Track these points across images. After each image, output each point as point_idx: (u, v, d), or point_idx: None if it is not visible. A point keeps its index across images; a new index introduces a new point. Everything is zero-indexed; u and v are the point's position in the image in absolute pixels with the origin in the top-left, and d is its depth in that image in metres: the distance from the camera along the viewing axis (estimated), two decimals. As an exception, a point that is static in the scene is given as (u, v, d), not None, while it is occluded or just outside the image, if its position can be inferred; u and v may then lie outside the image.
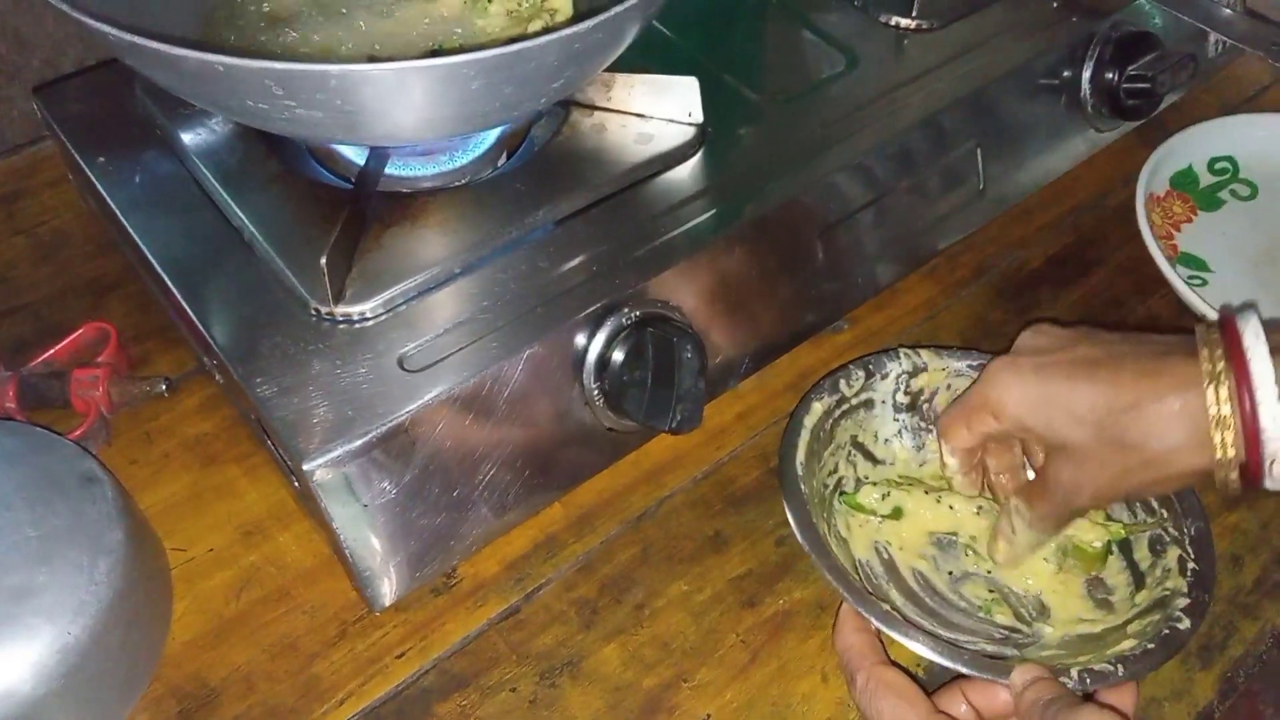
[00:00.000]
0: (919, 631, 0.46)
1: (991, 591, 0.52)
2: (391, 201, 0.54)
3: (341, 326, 0.49)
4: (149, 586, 0.50)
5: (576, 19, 0.45)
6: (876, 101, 0.61)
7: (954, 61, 0.64)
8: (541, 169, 0.56)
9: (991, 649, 0.49)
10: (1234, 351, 0.43)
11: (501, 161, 0.57)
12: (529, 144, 0.58)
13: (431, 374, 0.48)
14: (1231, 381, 0.42)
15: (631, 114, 0.58)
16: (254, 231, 0.53)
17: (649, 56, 0.59)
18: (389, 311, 0.50)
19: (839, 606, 0.50)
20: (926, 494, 0.54)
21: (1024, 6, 0.68)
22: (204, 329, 0.50)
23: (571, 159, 0.57)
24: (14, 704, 0.43)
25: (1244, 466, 0.43)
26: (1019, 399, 0.48)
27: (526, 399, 0.50)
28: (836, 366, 0.57)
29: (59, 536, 0.47)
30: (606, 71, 0.55)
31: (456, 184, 0.55)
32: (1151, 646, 0.46)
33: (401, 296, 0.50)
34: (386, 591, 0.50)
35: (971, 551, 0.53)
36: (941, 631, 0.49)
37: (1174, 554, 0.50)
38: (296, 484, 0.48)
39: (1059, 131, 0.69)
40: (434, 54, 0.52)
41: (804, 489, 0.51)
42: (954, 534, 0.54)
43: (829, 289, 0.60)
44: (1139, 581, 0.51)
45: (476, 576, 0.53)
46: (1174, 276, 0.63)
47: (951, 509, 0.54)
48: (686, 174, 0.57)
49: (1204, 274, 0.67)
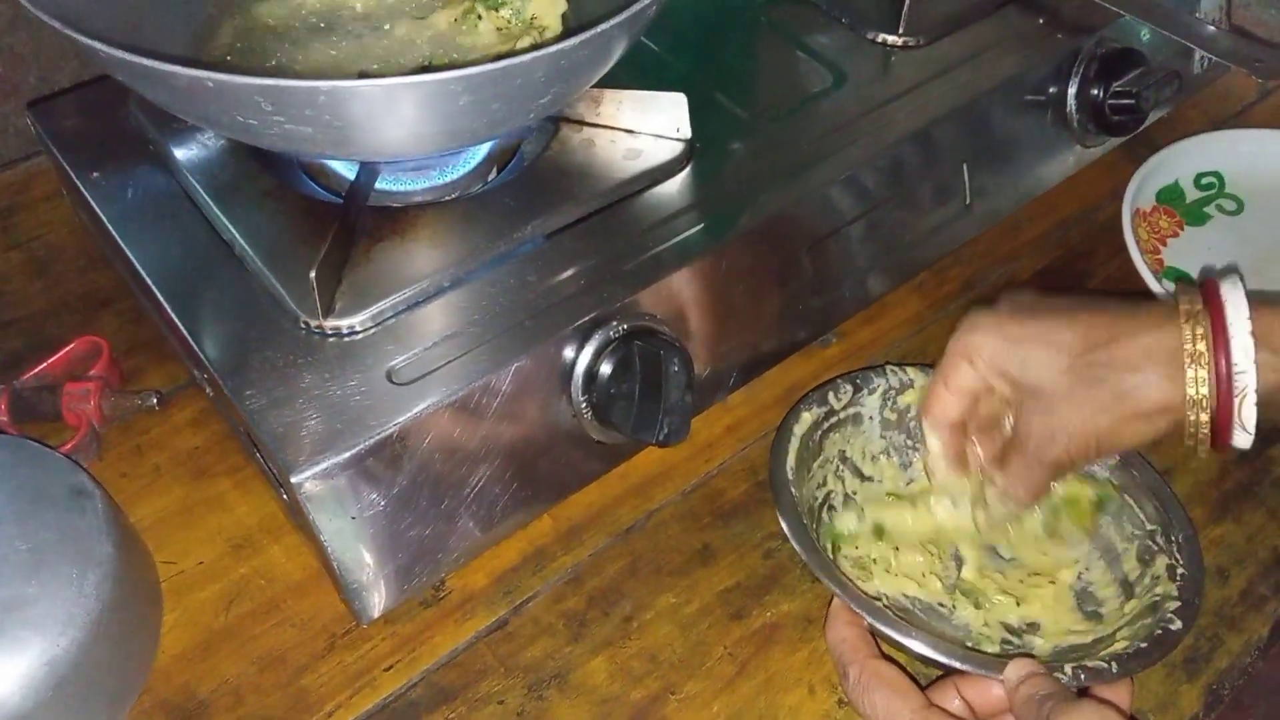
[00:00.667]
0: (912, 627, 0.46)
1: (980, 609, 0.52)
2: (382, 216, 0.54)
3: (331, 340, 0.50)
4: (139, 599, 0.50)
5: (564, 36, 0.46)
6: (864, 117, 0.62)
7: (941, 78, 0.64)
8: (531, 184, 0.57)
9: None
10: (1210, 295, 0.45)
11: (491, 176, 0.58)
12: (519, 159, 0.58)
13: (420, 387, 0.48)
14: (1207, 322, 0.44)
15: (620, 129, 0.59)
16: (245, 246, 0.53)
17: (638, 74, 0.60)
18: (378, 325, 0.50)
19: (829, 603, 0.50)
20: (903, 500, 0.55)
21: (1010, 23, 0.69)
22: (195, 343, 0.51)
23: (561, 174, 0.57)
24: (3, 716, 0.43)
25: (1214, 412, 0.44)
26: (995, 340, 0.49)
27: (515, 412, 0.50)
28: (824, 380, 0.57)
29: (49, 549, 0.47)
30: (595, 88, 0.56)
31: (446, 199, 0.56)
32: (1145, 645, 0.46)
33: (391, 310, 0.51)
34: (375, 604, 0.50)
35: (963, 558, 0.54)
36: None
37: (1162, 562, 0.50)
38: (285, 496, 0.48)
39: (1045, 147, 0.70)
40: (423, 70, 0.53)
41: (794, 493, 0.51)
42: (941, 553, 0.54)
43: (817, 303, 0.61)
44: (1128, 592, 0.51)
45: (465, 589, 0.53)
46: (1161, 291, 0.63)
47: (930, 511, 0.54)
48: (675, 189, 0.58)
49: (1190, 288, 0.68)
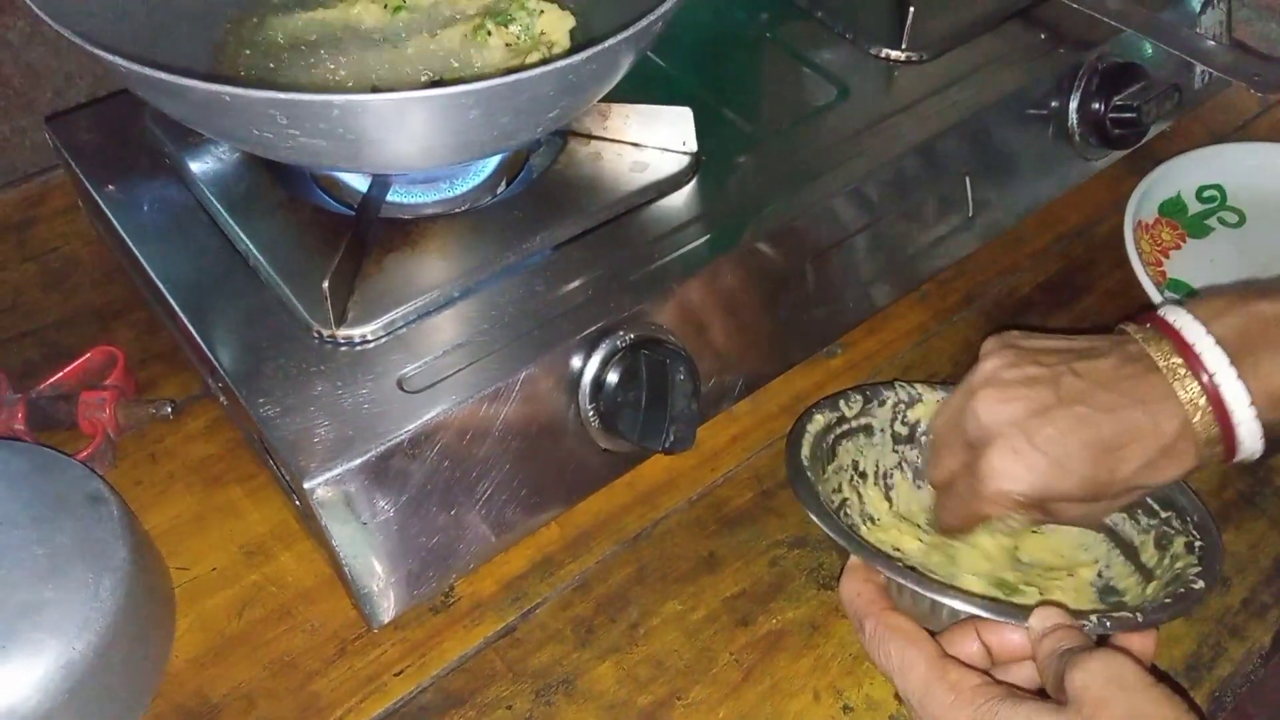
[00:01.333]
0: (932, 581, 0.47)
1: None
2: (393, 228, 0.55)
3: (343, 349, 0.51)
4: (152, 604, 0.51)
5: (573, 51, 0.47)
6: (867, 131, 0.63)
7: (943, 92, 0.65)
8: (539, 196, 0.58)
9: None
10: (1160, 326, 0.47)
11: (501, 189, 0.59)
12: (527, 172, 0.59)
13: (430, 395, 0.49)
14: (1170, 346, 0.46)
15: (627, 143, 0.60)
16: (259, 257, 0.54)
17: (645, 88, 0.61)
18: (389, 334, 0.51)
19: (844, 564, 0.50)
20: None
21: (1012, 38, 0.69)
22: (209, 352, 0.51)
23: (568, 186, 0.58)
24: (20, 718, 0.44)
25: (1218, 419, 0.45)
26: (1028, 483, 0.46)
27: (523, 420, 0.51)
28: (833, 392, 0.58)
29: (65, 554, 0.48)
30: (603, 102, 0.57)
31: (457, 211, 0.57)
32: (1169, 600, 0.47)
33: (402, 320, 0.52)
34: (385, 609, 0.51)
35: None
36: None
37: (1180, 541, 0.51)
38: (298, 503, 0.49)
39: (1047, 160, 0.70)
40: (434, 85, 0.54)
41: (810, 477, 0.51)
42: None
43: (821, 313, 0.61)
44: (1149, 577, 0.51)
45: (474, 595, 0.54)
46: (1162, 302, 0.64)
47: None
48: (681, 201, 0.58)
49: (1192, 299, 0.68)
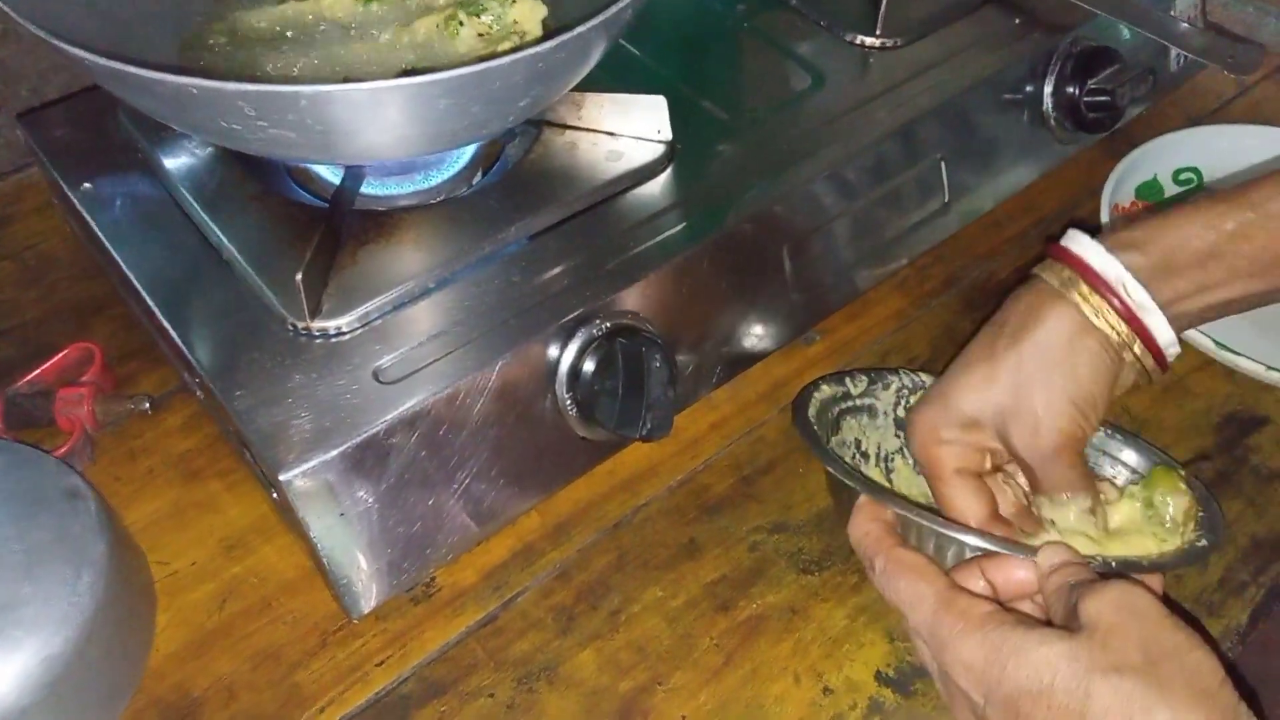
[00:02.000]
0: (941, 519, 0.47)
1: None
2: (368, 219, 0.55)
3: (318, 341, 0.51)
4: (132, 599, 0.51)
5: (545, 39, 0.47)
6: (843, 117, 0.63)
7: (918, 78, 0.65)
8: (515, 186, 0.58)
9: None
10: (1060, 254, 0.49)
11: (475, 180, 0.59)
12: (502, 162, 0.59)
13: (406, 385, 0.49)
14: (1086, 286, 0.48)
15: (602, 132, 0.60)
16: (233, 251, 0.54)
17: (621, 77, 0.61)
18: (364, 326, 0.51)
19: (855, 504, 0.49)
20: None
21: (986, 23, 0.70)
22: (185, 347, 0.51)
23: (544, 176, 0.58)
24: (-2, 715, 0.44)
25: (1143, 344, 0.49)
26: (938, 414, 0.50)
27: (501, 409, 0.51)
28: (839, 370, 0.58)
29: (43, 550, 0.47)
30: (577, 91, 0.57)
31: (431, 202, 0.57)
32: (1173, 553, 0.49)
33: (377, 311, 0.52)
34: (365, 600, 0.51)
35: None
36: None
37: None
38: (275, 495, 0.49)
39: (1023, 144, 0.71)
40: (406, 75, 0.54)
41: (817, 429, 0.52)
42: None
43: (799, 299, 0.62)
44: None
45: (455, 585, 0.54)
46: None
47: None
48: (656, 189, 0.58)
49: (1168, 281, 0.69)
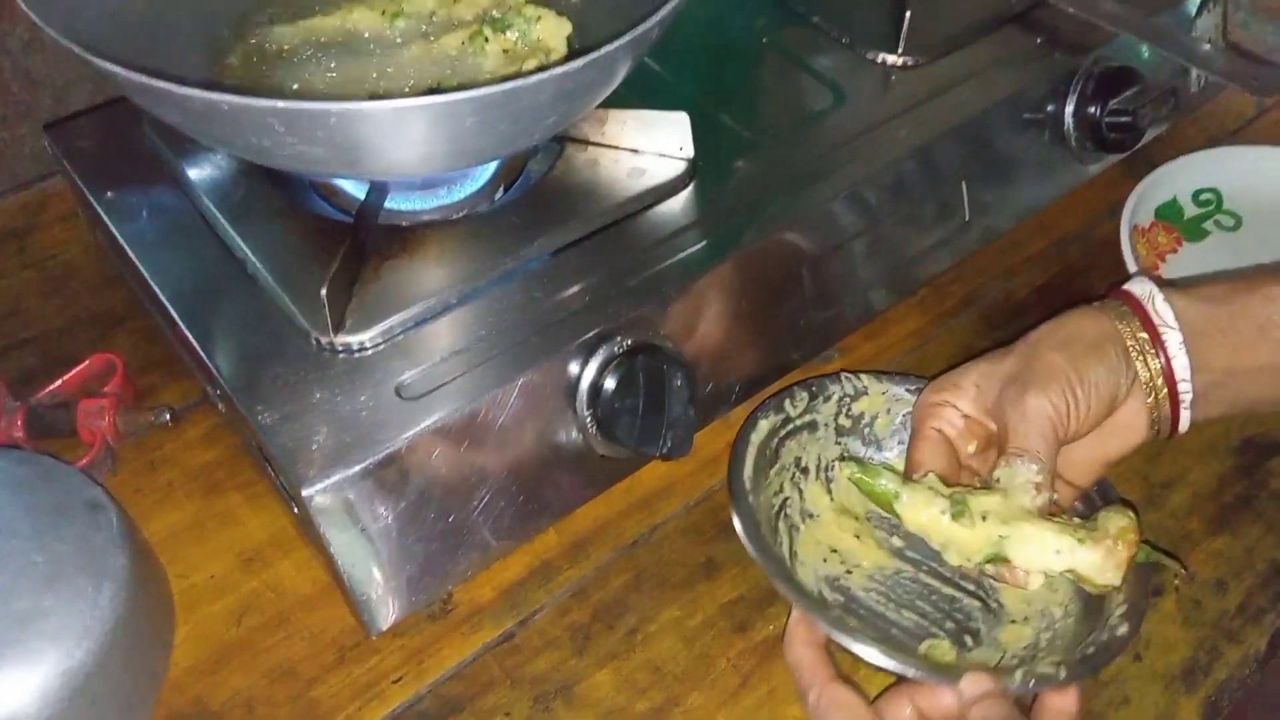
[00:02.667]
0: (867, 636, 0.47)
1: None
2: (391, 234, 0.55)
3: (341, 356, 0.51)
4: (152, 612, 0.51)
5: (570, 57, 0.47)
6: (864, 136, 0.63)
7: (939, 97, 0.65)
8: (537, 202, 0.58)
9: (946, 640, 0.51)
10: (1131, 303, 0.52)
11: (498, 195, 0.59)
12: (525, 178, 0.60)
13: (428, 402, 0.49)
14: (1137, 321, 0.51)
15: (624, 149, 0.60)
16: (257, 264, 0.54)
17: (642, 94, 0.61)
18: (387, 341, 0.51)
19: (788, 615, 0.50)
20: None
21: (1008, 43, 0.70)
22: (208, 359, 0.52)
23: (566, 192, 0.58)
24: (18, 726, 0.44)
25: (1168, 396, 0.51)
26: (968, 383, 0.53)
27: (521, 426, 0.51)
28: (781, 389, 0.58)
29: (65, 562, 0.48)
30: (600, 107, 0.57)
31: (454, 217, 0.57)
32: (1091, 650, 0.47)
33: (399, 327, 0.52)
34: (383, 616, 0.51)
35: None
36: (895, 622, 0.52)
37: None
38: (296, 510, 0.49)
39: (1044, 164, 0.70)
40: (432, 92, 0.54)
41: (752, 501, 0.52)
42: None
43: (819, 318, 0.62)
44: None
45: (472, 602, 0.54)
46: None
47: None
48: (678, 207, 0.59)
49: (1188, 303, 0.68)
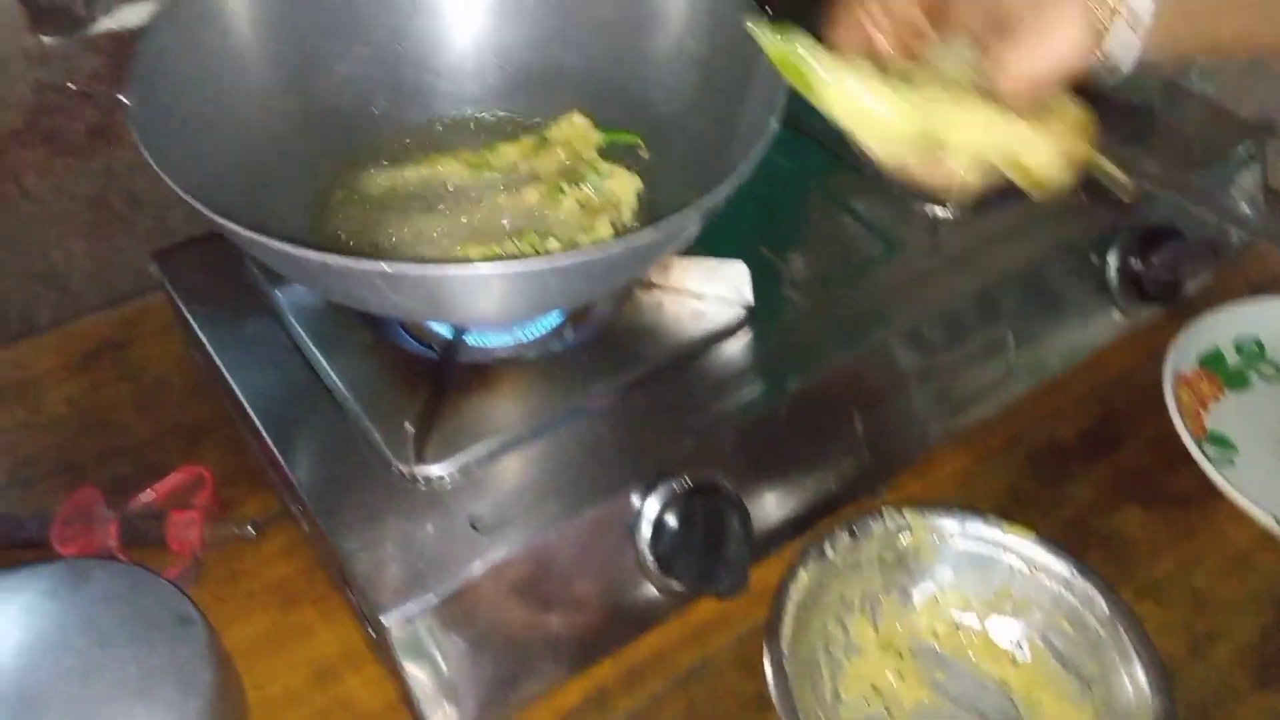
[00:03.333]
0: None
1: None
2: (468, 370, 0.59)
3: (420, 486, 0.54)
4: (230, 723, 0.54)
5: (640, 211, 0.51)
6: (913, 284, 0.66)
7: (986, 248, 0.69)
8: (605, 342, 0.62)
9: None
10: None
11: (568, 334, 0.63)
12: (594, 318, 0.63)
13: (501, 535, 0.52)
14: None
15: (687, 292, 0.64)
16: (345, 392, 0.58)
17: (700, 235, 0.65)
18: (463, 473, 0.55)
19: None
20: None
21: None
22: (294, 480, 0.55)
23: (632, 333, 0.62)
24: (105, 832, 0.47)
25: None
26: None
27: (585, 559, 0.54)
28: (825, 531, 0.59)
29: (155, 674, 0.51)
30: (666, 255, 0.61)
31: (528, 355, 0.61)
32: None
33: (475, 460, 0.55)
34: (448, 737, 0.53)
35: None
36: None
37: None
38: (371, 632, 0.52)
39: (1087, 314, 0.73)
40: (515, 238, 0.58)
41: (789, 668, 0.53)
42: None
43: (869, 458, 0.64)
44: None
45: (531, 726, 0.56)
46: (1201, 457, 0.65)
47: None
48: (736, 349, 0.62)
49: (1232, 454, 0.70)
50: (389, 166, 0.64)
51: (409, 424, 0.53)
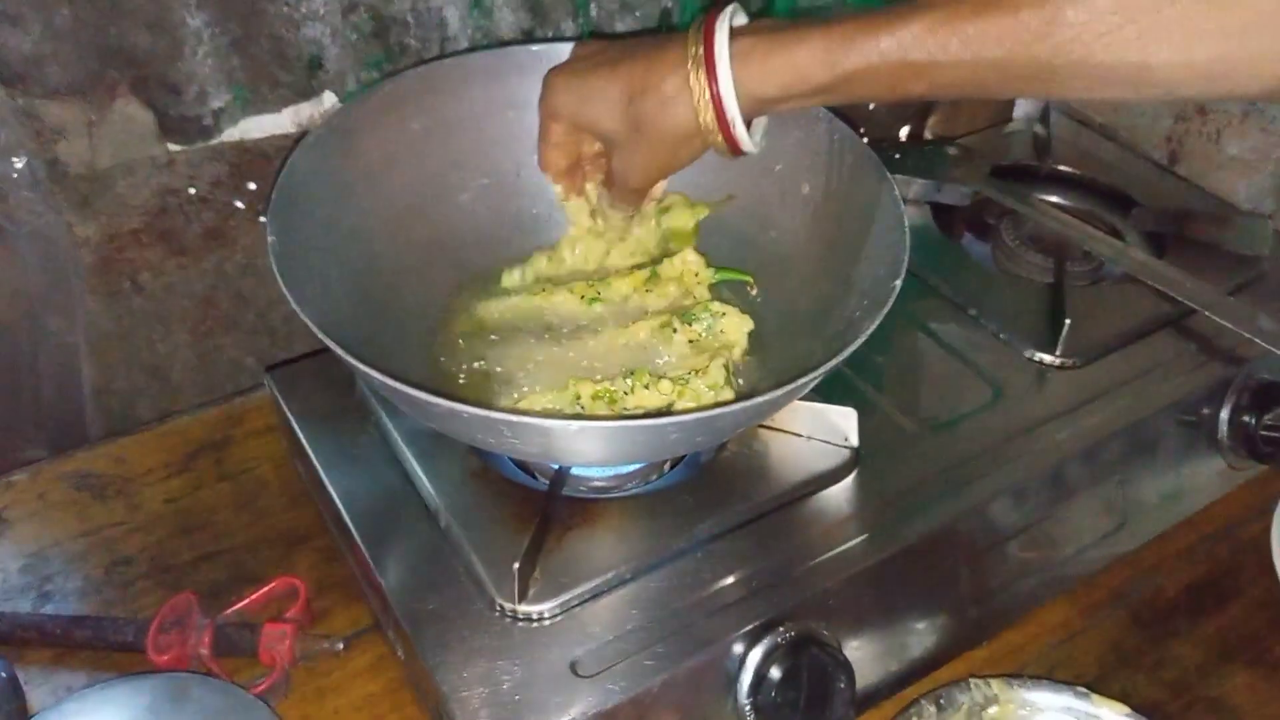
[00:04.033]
0: None
1: None
2: (572, 505, 0.59)
3: (521, 624, 0.54)
4: None
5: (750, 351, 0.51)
6: (1022, 435, 0.65)
7: (1096, 400, 0.68)
8: (707, 481, 0.61)
9: None
10: (707, 37, 0.53)
11: (667, 468, 0.62)
12: (697, 455, 0.63)
13: (601, 680, 0.51)
14: (702, 56, 0.53)
15: (792, 433, 0.63)
16: (450, 520, 0.58)
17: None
18: (564, 613, 0.54)
19: None
20: None
21: (1163, 348, 0.72)
22: (393, 604, 0.55)
23: (736, 473, 0.61)
24: None
25: (723, 133, 0.55)
26: (566, 98, 0.59)
27: (683, 710, 0.53)
28: (908, 704, 0.58)
29: (248, 801, 0.51)
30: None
31: (629, 489, 0.61)
32: None
33: (577, 599, 0.55)
34: None
35: None
36: None
37: None
38: (466, 770, 0.51)
39: (1197, 468, 0.72)
40: (626, 377, 0.59)
41: None
42: None
43: (973, 613, 0.63)
44: None
45: None
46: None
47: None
48: (841, 495, 0.61)
49: (1346, 620, 0.67)
50: (504, 295, 0.65)
51: (517, 564, 0.53)
